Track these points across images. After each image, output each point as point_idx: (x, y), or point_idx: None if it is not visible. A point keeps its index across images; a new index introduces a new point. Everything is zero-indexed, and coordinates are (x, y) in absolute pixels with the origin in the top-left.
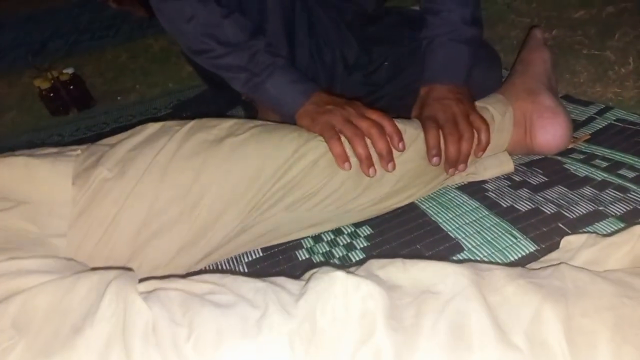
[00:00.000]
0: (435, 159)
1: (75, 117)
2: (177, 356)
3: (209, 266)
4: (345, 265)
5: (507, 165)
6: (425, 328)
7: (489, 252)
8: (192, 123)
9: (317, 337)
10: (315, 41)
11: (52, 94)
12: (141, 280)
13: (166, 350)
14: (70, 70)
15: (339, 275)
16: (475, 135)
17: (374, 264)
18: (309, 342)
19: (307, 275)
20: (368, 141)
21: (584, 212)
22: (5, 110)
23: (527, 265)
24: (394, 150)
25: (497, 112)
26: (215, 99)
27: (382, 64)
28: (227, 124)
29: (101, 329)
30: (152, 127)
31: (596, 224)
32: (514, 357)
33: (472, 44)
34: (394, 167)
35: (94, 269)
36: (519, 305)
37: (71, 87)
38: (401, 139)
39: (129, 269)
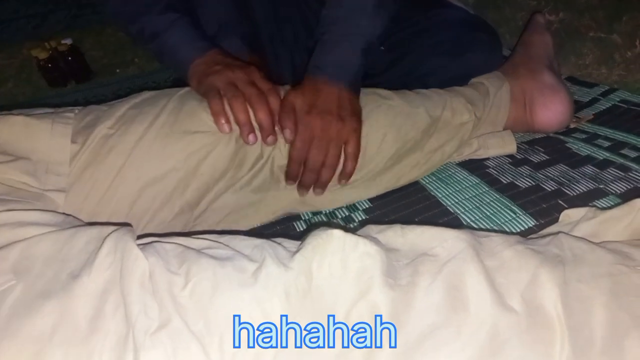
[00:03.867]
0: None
1: (73, 88)
2: (173, 303)
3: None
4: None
5: (510, 146)
6: (421, 287)
7: (488, 227)
8: (187, 88)
9: (313, 291)
10: (274, 15)
11: (50, 65)
12: (139, 237)
13: (162, 298)
14: (68, 41)
15: (337, 232)
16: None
17: (372, 229)
18: (305, 294)
19: (305, 236)
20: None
21: (585, 189)
22: (3, 80)
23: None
24: None
25: (492, 86)
26: None
27: (377, 48)
28: None
29: (99, 277)
30: (149, 93)
31: (596, 201)
32: (510, 318)
33: (363, 40)
34: (274, 141)
35: (92, 224)
36: (516, 270)
37: (69, 58)
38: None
39: (127, 224)
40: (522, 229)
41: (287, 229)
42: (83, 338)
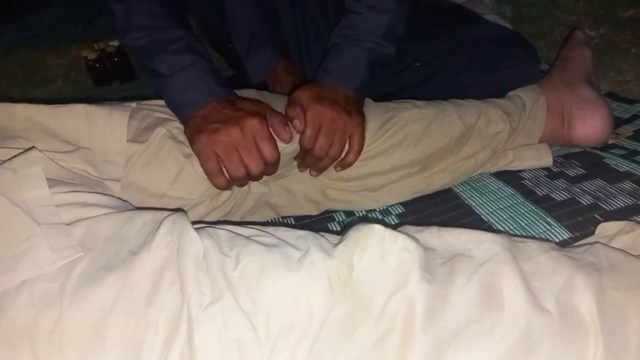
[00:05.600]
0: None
1: (117, 88)
2: (225, 281)
3: None
4: None
5: (545, 159)
6: (457, 285)
7: None
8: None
9: (353, 280)
10: (304, 30)
11: (97, 65)
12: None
13: (215, 275)
14: (115, 43)
15: (377, 227)
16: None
17: (410, 229)
18: (346, 283)
19: (346, 230)
20: None
21: (622, 205)
22: (53, 79)
23: None
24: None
25: (528, 98)
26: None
27: (412, 64)
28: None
29: (157, 254)
30: None
31: (634, 217)
32: (544, 319)
33: (372, 53)
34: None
35: (145, 208)
36: (552, 274)
37: (116, 59)
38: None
39: (181, 210)
40: (557, 240)
41: (322, 230)
42: (141, 309)
